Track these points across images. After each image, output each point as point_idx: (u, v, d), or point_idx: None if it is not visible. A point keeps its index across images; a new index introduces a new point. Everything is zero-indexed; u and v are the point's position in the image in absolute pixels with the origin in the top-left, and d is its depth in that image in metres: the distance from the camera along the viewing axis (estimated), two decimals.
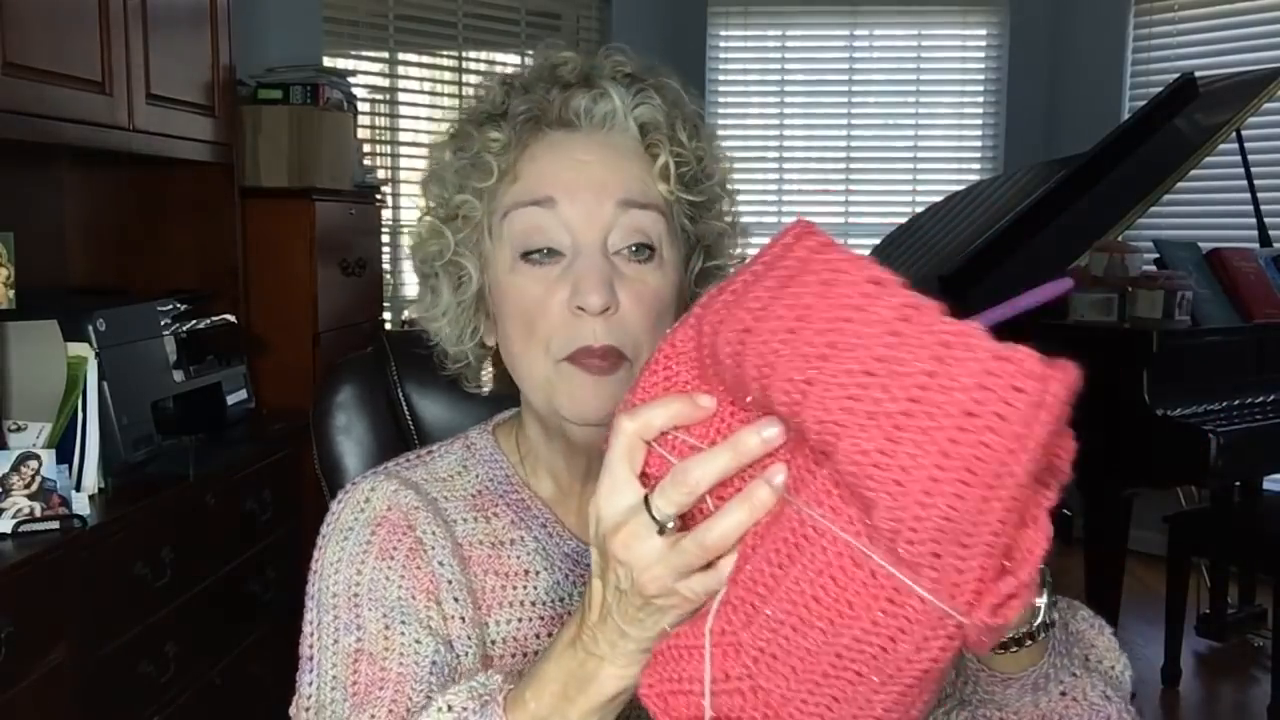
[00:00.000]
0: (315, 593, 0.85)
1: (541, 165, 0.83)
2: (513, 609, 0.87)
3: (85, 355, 2.07)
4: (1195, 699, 3.18)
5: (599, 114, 0.84)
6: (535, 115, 0.84)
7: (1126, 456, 2.92)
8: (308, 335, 2.94)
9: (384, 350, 1.07)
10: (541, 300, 0.81)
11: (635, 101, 0.85)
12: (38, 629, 1.73)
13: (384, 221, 3.67)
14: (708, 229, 0.90)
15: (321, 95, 3.05)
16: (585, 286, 0.79)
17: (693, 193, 0.87)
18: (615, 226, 0.82)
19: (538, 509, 0.91)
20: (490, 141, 0.84)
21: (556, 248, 0.82)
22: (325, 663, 0.80)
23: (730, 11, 4.85)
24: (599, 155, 0.83)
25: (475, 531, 0.88)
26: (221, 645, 2.33)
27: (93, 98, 2.22)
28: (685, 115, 0.88)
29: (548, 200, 0.82)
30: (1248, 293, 3.15)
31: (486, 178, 0.84)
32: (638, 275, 0.82)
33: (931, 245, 3.88)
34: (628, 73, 0.87)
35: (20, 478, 1.87)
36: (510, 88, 0.86)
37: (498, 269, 0.85)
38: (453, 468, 0.92)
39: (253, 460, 2.53)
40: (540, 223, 0.82)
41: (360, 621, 0.80)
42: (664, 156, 0.84)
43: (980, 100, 4.89)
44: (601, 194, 0.82)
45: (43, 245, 2.53)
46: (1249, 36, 4.26)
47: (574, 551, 0.89)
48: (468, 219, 0.86)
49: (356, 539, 0.85)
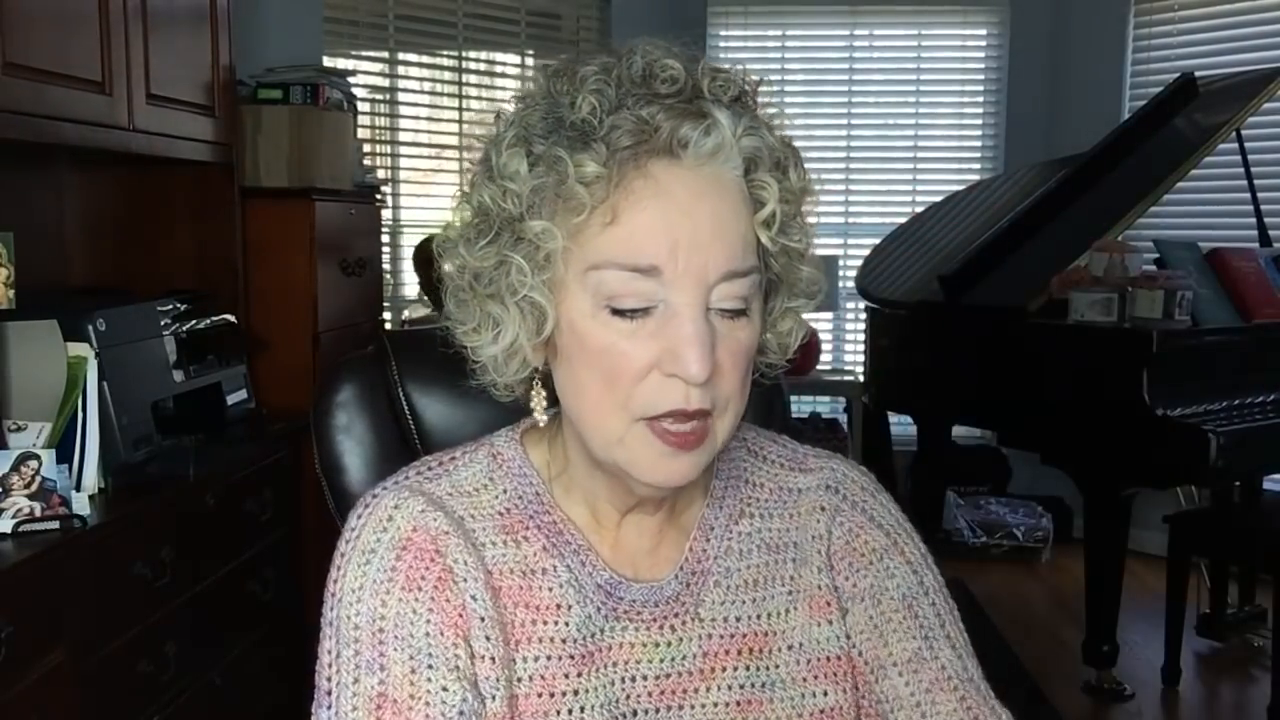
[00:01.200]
0: (335, 620, 0.79)
1: (646, 217, 0.74)
2: (541, 645, 0.82)
3: (85, 355, 2.07)
4: (1195, 699, 3.18)
5: (708, 147, 0.75)
6: (639, 147, 0.74)
7: (1126, 456, 2.92)
8: (308, 335, 2.93)
9: (385, 350, 1.07)
10: (628, 356, 0.75)
11: (744, 132, 0.77)
12: (38, 629, 1.72)
13: (384, 221, 3.67)
14: (798, 273, 0.84)
15: (321, 95, 3.05)
16: (688, 355, 0.74)
17: (789, 237, 0.81)
18: (717, 288, 0.76)
19: (570, 534, 0.85)
20: (585, 172, 0.74)
21: (650, 305, 0.75)
22: (345, 703, 0.76)
23: (730, 11, 4.85)
24: (706, 204, 0.75)
25: (505, 558, 0.83)
26: (221, 645, 2.33)
27: (93, 98, 2.22)
28: (790, 147, 0.81)
29: (651, 270, 0.74)
30: (1248, 293, 3.15)
31: (576, 213, 0.75)
32: (730, 332, 0.77)
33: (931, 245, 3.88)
34: (735, 96, 0.79)
35: (20, 478, 1.87)
36: (603, 98, 0.75)
37: (573, 309, 0.77)
38: (478, 480, 0.87)
39: (253, 460, 2.53)
40: (639, 288, 0.75)
41: (384, 662, 0.76)
42: (771, 204, 0.78)
43: (980, 100, 4.89)
44: (709, 261, 0.75)
45: (43, 245, 2.52)
46: (1249, 36, 4.26)
47: (607, 583, 0.84)
48: (547, 254, 0.76)
49: (380, 564, 0.79)
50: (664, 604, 0.85)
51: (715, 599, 0.87)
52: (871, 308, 3.91)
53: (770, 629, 0.88)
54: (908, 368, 3.69)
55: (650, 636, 0.84)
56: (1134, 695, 3.09)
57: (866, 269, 4.04)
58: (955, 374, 3.39)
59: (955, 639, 0.89)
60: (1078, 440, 3.02)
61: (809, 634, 0.88)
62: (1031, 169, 4.02)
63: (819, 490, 0.93)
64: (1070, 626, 3.53)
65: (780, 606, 0.88)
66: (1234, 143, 3.40)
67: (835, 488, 0.93)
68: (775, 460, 0.95)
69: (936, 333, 3.50)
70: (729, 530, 0.90)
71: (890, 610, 0.88)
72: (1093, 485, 3.02)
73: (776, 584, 0.89)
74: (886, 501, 0.95)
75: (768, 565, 0.89)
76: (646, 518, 0.87)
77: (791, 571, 0.90)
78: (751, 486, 0.92)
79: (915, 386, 3.67)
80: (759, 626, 0.87)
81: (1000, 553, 4.31)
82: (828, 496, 0.92)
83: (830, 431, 4.71)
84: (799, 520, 0.92)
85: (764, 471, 0.94)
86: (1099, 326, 2.97)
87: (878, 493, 0.95)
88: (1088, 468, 3.03)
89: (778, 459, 0.95)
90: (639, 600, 0.85)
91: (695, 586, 0.87)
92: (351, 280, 3.13)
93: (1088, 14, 4.64)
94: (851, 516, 0.92)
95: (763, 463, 0.94)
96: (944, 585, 0.92)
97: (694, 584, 0.87)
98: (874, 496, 0.94)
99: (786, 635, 0.88)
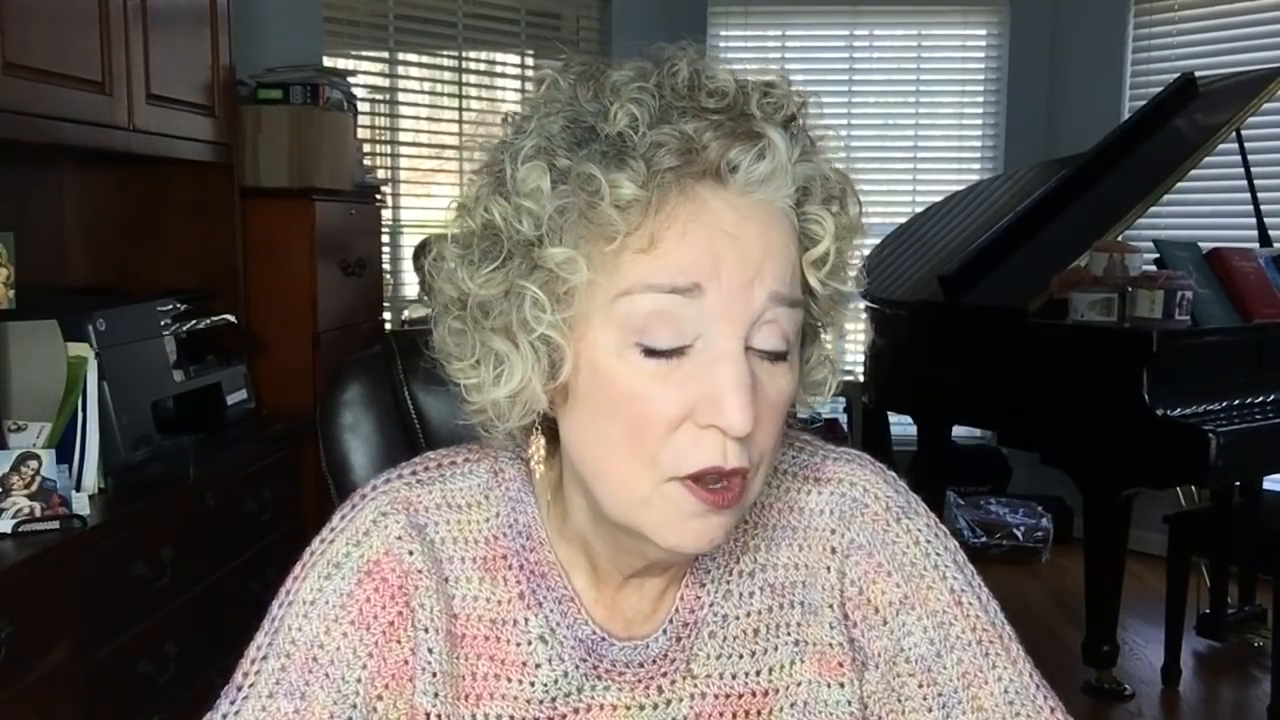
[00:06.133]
0: (277, 619, 0.75)
1: (689, 240, 0.64)
2: (504, 703, 0.74)
3: (85, 355, 2.07)
4: (1195, 699, 3.18)
5: (760, 172, 0.66)
6: (684, 169, 0.64)
7: (1126, 456, 2.92)
8: (308, 335, 2.93)
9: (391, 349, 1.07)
10: (659, 404, 0.65)
11: (798, 157, 0.68)
12: (38, 629, 1.72)
13: (384, 221, 3.67)
14: (841, 318, 0.76)
15: (321, 95, 3.05)
16: (730, 404, 0.63)
17: (840, 280, 0.72)
18: (761, 322, 0.66)
19: (555, 579, 0.76)
20: (621, 194, 0.63)
21: (685, 343, 0.65)
22: (250, 712, 0.72)
23: (730, 11, 4.85)
24: (754, 228, 0.66)
25: (476, 601, 0.76)
26: (221, 645, 2.32)
27: (93, 98, 2.22)
28: (846, 178, 0.73)
29: (692, 289, 0.64)
30: (1248, 293, 3.15)
31: (609, 239, 0.64)
32: (770, 379, 0.67)
33: (931, 245, 3.88)
34: (790, 115, 0.69)
35: (20, 478, 1.87)
36: (641, 106, 0.65)
37: (596, 348, 0.66)
38: (472, 494, 0.78)
39: (253, 460, 2.53)
40: (676, 313, 0.64)
41: (306, 692, 0.72)
42: (826, 242, 0.69)
43: (980, 100, 4.89)
44: (756, 279, 0.65)
45: (43, 245, 2.53)
46: (1249, 36, 4.26)
47: (589, 639, 0.75)
48: (566, 285, 0.66)
49: (339, 585, 0.74)
50: (650, 663, 0.76)
51: (710, 653, 0.77)
52: (871, 308, 3.91)
53: (772, 686, 0.77)
54: (908, 368, 3.69)
55: (635, 699, 0.76)
56: (1134, 695, 3.09)
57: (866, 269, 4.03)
58: (955, 374, 3.39)
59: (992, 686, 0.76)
60: (1078, 440, 3.02)
61: (816, 694, 0.77)
62: (1031, 169, 4.02)
63: (830, 516, 0.80)
64: (1070, 626, 3.53)
65: (784, 659, 0.78)
66: (1234, 143, 3.40)
67: (851, 517, 0.79)
68: (785, 469, 0.81)
69: (936, 333, 3.50)
70: (727, 570, 0.79)
71: (907, 675, 0.77)
72: (1093, 485, 3.02)
73: (780, 633, 0.78)
74: (913, 524, 0.80)
75: (770, 611, 0.78)
76: (652, 579, 0.77)
77: (798, 618, 0.78)
78: (758, 509, 0.79)
79: (915, 386, 3.67)
80: (759, 684, 0.77)
81: (1000, 553, 4.31)
82: (842, 529, 0.79)
83: (830, 432, 4.72)
84: (807, 554, 0.79)
85: (772, 486, 0.80)
86: (1099, 326, 2.97)
87: (903, 515, 0.80)
88: (1087, 468, 3.03)
89: (789, 469, 0.81)
90: (622, 660, 0.76)
91: (687, 641, 0.77)
92: (351, 280, 3.13)
93: (1088, 14, 4.64)
94: (867, 558, 0.78)
95: (772, 474, 0.78)
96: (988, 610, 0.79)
97: (685, 637, 0.77)
98: (897, 523, 0.79)
99: (790, 693, 0.77)
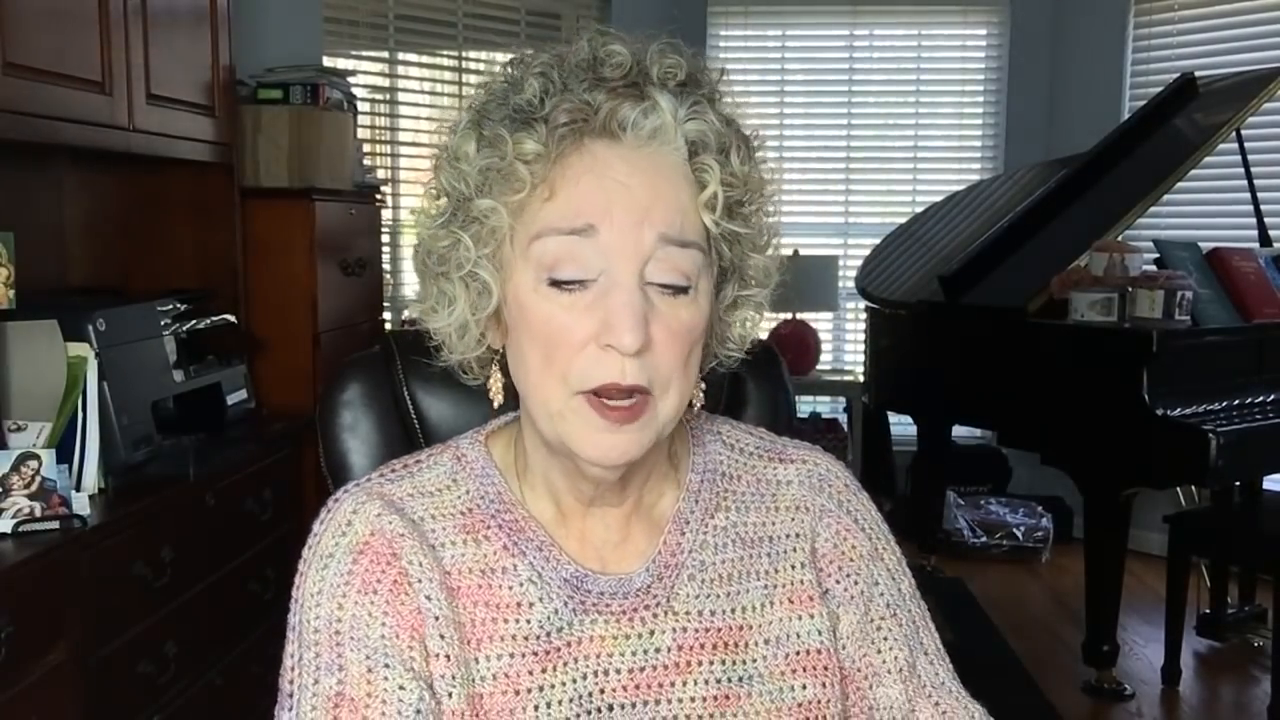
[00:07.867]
0: (296, 624, 0.81)
1: (582, 187, 0.76)
2: (504, 643, 0.82)
3: (85, 355, 2.07)
4: (1195, 699, 3.18)
5: (647, 129, 0.78)
6: (577, 126, 0.77)
7: (1126, 456, 2.92)
8: (308, 335, 2.93)
9: (390, 349, 1.07)
10: (567, 329, 0.77)
11: (687, 115, 0.79)
12: (38, 629, 1.72)
13: (384, 221, 3.67)
14: (748, 261, 0.85)
15: (321, 95, 3.05)
16: (620, 325, 0.74)
17: (737, 222, 0.82)
18: (653, 258, 0.76)
19: (533, 531, 0.85)
20: (524, 150, 0.76)
21: (589, 277, 0.76)
22: (305, 704, 0.77)
23: (730, 11, 4.85)
24: (644, 178, 0.77)
25: (464, 557, 0.84)
26: (221, 645, 2.33)
27: (93, 98, 2.22)
28: (739, 134, 0.82)
29: (587, 229, 0.76)
30: (1248, 293, 3.15)
31: (517, 190, 0.77)
32: (670, 310, 0.77)
33: (932, 245, 3.88)
34: (681, 81, 0.79)
35: (20, 478, 1.86)
36: (548, 82, 0.78)
37: (519, 286, 0.79)
38: (441, 481, 0.87)
39: (253, 460, 2.52)
40: (575, 251, 0.76)
41: (342, 662, 0.77)
42: (713, 186, 0.79)
43: (980, 100, 4.89)
44: (643, 222, 0.76)
45: (43, 245, 2.52)
46: (1249, 36, 4.26)
47: (573, 577, 0.84)
48: (494, 231, 0.79)
49: (337, 569, 0.81)
50: (633, 596, 0.85)
51: (689, 592, 0.87)
52: (871, 308, 3.92)
53: (746, 623, 0.87)
54: (908, 368, 3.69)
55: (621, 629, 0.84)
56: (1134, 695, 3.09)
57: (866, 269, 4.04)
58: (955, 374, 3.39)
59: (928, 645, 0.92)
60: (1078, 440, 3.02)
61: (787, 628, 0.88)
62: (1031, 169, 4.02)
63: (801, 486, 0.93)
64: (1070, 626, 3.53)
65: (756, 600, 0.88)
66: (1234, 143, 3.40)
67: (820, 486, 0.93)
68: (753, 452, 0.95)
69: (936, 333, 3.50)
70: (705, 524, 0.89)
71: (879, 617, 0.90)
72: (1093, 485, 3.02)
73: (752, 578, 0.89)
74: (866, 502, 0.95)
75: (743, 560, 0.89)
76: (611, 510, 0.87)
77: (767, 566, 0.89)
78: (729, 479, 0.92)
79: (915, 386, 3.68)
80: (734, 620, 0.87)
81: (1000, 553, 4.31)
82: (811, 496, 0.93)
83: (830, 431, 4.72)
84: (778, 515, 0.92)
85: (741, 464, 0.94)
86: (1099, 326, 2.97)
87: (859, 492, 0.95)
88: (1087, 468, 3.03)
89: (755, 450, 0.95)
90: (607, 592, 0.85)
91: (667, 580, 0.86)
92: (351, 280, 3.13)
93: (1088, 14, 4.64)
94: (838, 519, 0.92)
95: (740, 455, 0.94)
96: (916, 587, 0.95)
97: (666, 577, 0.87)
98: (856, 496, 0.94)
99: (763, 629, 0.87)
